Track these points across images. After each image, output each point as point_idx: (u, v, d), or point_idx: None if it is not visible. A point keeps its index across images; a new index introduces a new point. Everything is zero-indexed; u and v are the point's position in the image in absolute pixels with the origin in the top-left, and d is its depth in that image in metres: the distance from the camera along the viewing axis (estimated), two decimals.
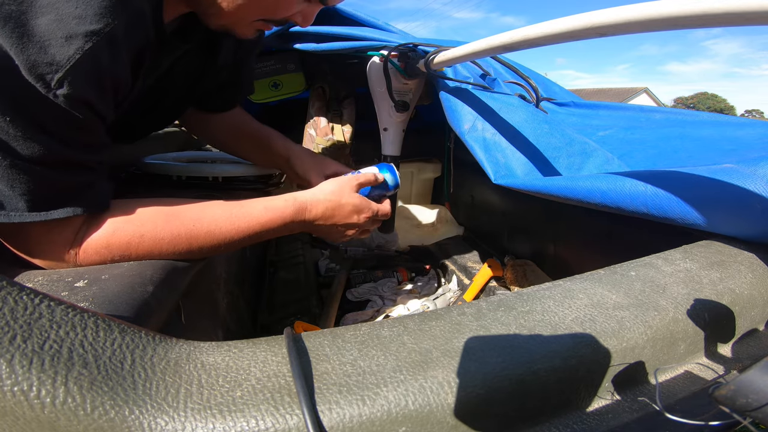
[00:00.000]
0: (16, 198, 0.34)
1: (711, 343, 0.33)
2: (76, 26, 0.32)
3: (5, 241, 0.37)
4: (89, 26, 0.33)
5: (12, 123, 0.32)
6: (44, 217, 0.35)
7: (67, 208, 0.36)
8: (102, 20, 0.34)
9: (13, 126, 0.32)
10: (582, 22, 0.35)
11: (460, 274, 1.02)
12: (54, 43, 0.32)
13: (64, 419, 0.20)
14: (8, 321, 0.21)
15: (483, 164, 0.62)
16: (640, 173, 0.47)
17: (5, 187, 0.33)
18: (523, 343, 0.27)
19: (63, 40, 0.32)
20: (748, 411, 0.19)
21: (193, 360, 0.24)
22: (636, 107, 0.77)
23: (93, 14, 0.33)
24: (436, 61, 0.63)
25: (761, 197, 0.37)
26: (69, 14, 0.32)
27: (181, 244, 0.42)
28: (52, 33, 0.32)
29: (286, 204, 0.50)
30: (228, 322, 0.59)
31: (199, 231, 0.43)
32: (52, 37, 0.32)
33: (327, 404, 0.22)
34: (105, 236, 0.39)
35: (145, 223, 0.40)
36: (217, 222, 0.44)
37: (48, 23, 0.32)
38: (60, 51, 0.32)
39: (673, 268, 0.37)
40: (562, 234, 0.80)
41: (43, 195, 0.35)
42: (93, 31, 0.33)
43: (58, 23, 0.32)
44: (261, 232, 0.47)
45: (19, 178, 0.33)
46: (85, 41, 0.33)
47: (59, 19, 0.32)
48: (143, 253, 0.40)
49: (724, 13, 0.26)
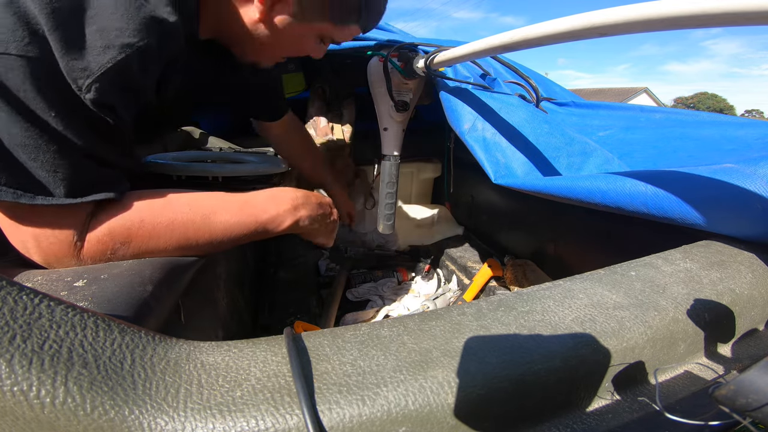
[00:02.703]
0: (56, 183, 0.36)
1: (711, 343, 0.33)
2: (115, 38, 0.36)
3: (17, 224, 0.38)
4: (126, 39, 0.37)
5: (57, 117, 0.35)
6: (79, 200, 0.38)
7: (96, 194, 0.39)
8: (138, 35, 0.37)
9: (58, 120, 0.35)
10: (582, 22, 0.35)
11: (460, 274, 1.02)
12: (91, 51, 0.35)
13: (63, 419, 0.20)
14: (8, 321, 0.21)
15: (483, 164, 0.62)
16: (640, 173, 0.47)
17: (46, 173, 0.36)
18: (523, 343, 0.27)
19: (100, 49, 0.36)
20: (748, 411, 0.19)
21: (193, 360, 0.24)
22: (636, 107, 0.77)
23: (132, 29, 0.37)
24: (436, 61, 0.63)
25: (761, 197, 0.37)
26: (111, 27, 0.36)
27: (177, 229, 0.42)
28: (92, 42, 0.35)
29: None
30: (228, 322, 0.59)
31: (194, 216, 0.43)
32: (92, 46, 0.35)
33: (327, 404, 0.22)
34: (107, 224, 0.40)
35: (144, 209, 0.42)
36: (213, 208, 0.45)
37: (91, 33, 0.36)
38: (95, 59, 0.35)
39: (673, 268, 0.37)
40: (562, 234, 0.80)
41: (77, 181, 0.38)
42: (128, 44, 0.37)
43: (99, 33, 0.36)
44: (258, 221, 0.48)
45: (61, 163, 0.36)
46: (119, 52, 0.36)
47: (101, 30, 0.36)
48: (142, 238, 0.41)
49: (724, 13, 0.26)
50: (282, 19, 0.50)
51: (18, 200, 0.35)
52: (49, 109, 0.35)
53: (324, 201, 0.57)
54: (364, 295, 0.95)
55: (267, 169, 0.76)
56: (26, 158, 0.35)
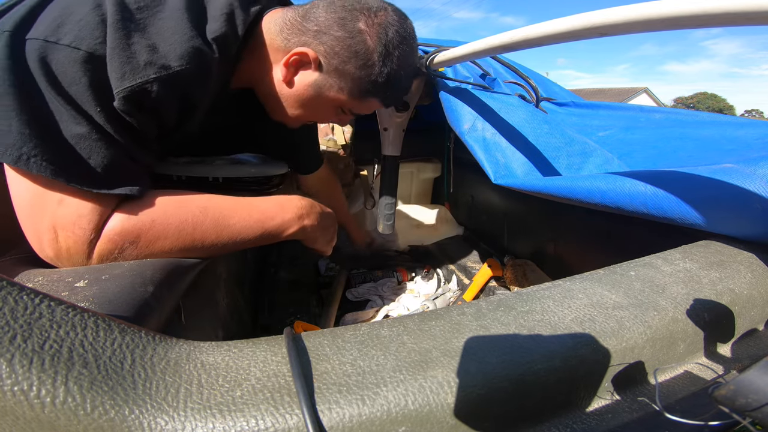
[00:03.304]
0: (90, 171, 0.38)
1: (710, 343, 0.33)
2: (158, 58, 0.39)
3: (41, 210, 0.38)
4: (168, 62, 0.39)
5: (101, 112, 0.38)
6: (105, 191, 0.39)
7: (125, 188, 0.40)
8: (179, 61, 0.40)
9: (101, 115, 0.38)
10: (582, 22, 0.35)
11: (460, 274, 1.02)
12: (133, 64, 0.38)
13: (64, 419, 0.20)
14: (8, 321, 0.21)
15: (483, 164, 0.62)
16: (640, 173, 0.47)
17: (82, 160, 0.37)
18: (523, 343, 0.27)
19: (142, 65, 0.38)
20: (747, 411, 0.19)
21: (193, 360, 0.24)
22: (636, 107, 0.77)
23: (176, 55, 0.40)
24: (436, 61, 0.63)
25: (761, 197, 0.37)
26: (161, 47, 0.39)
27: (186, 231, 0.43)
28: (139, 55, 0.38)
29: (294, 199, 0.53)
30: (228, 322, 0.59)
31: (204, 219, 0.44)
32: (135, 59, 0.38)
33: (327, 404, 0.22)
34: (119, 223, 0.40)
35: (156, 209, 0.42)
36: (222, 212, 0.45)
37: (142, 47, 0.38)
38: (132, 71, 0.38)
39: (672, 268, 0.37)
40: (562, 234, 0.80)
41: (109, 173, 0.39)
42: (166, 66, 0.39)
43: (148, 50, 0.38)
44: (265, 227, 0.48)
45: (97, 153, 0.38)
46: (156, 71, 0.39)
47: (150, 48, 0.39)
48: (151, 239, 0.41)
49: (724, 13, 0.26)
50: (304, 85, 0.52)
51: (56, 177, 0.36)
52: (95, 105, 0.37)
53: (327, 211, 0.58)
54: (364, 295, 0.95)
55: (267, 170, 0.76)
56: (66, 143, 0.37)
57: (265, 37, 0.50)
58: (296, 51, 0.49)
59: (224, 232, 0.45)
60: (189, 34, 0.41)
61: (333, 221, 0.60)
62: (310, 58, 0.49)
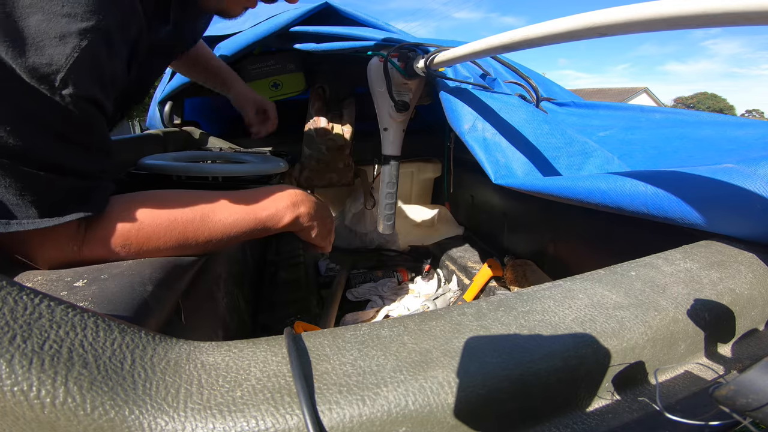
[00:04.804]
0: (26, 206, 0.34)
1: (711, 343, 0.33)
2: (67, 24, 0.32)
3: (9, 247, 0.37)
4: (81, 24, 0.33)
5: (15, 133, 0.31)
6: (56, 222, 0.35)
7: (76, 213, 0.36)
8: (93, 17, 0.33)
9: (18, 135, 0.31)
10: (582, 22, 0.35)
11: (460, 274, 1.02)
12: (48, 44, 0.31)
13: (64, 419, 0.20)
14: (8, 321, 0.21)
15: (483, 164, 0.62)
16: (640, 173, 0.47)
17: (14, 196, 0.33)
18: (524, 343, 0.27)
19: (57, 40, 0.32)
20: (748, 411, 0.19)
21: (193, 360, 0.24)
22: (636, 107, 0.77)
23: (83, 12, 0.33)
24: (436, 61, 0.63)
25: (761, 197, 0.37)
26: (57, 13, 0.32)
27: (177, 230, 0.42)
28: (44, 33, 0.31)
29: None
30: (228, 322, 0.59)
31: (193, 216, 0.43)
32: (45, 38, 0.31)
33: (327, 404, 0.22)
34: (105, 227, 0.39)
35: (143, 211, 0.41)
36: (212, 207, 0.45)
37: (37, 23, 0.31)
38: (57, 51, 0.32)
39: (673, 268, 0.37)
40: (562, 234, 0.80)
41: (52, 201, 0.35)
42: (86, 29, 0.33)
43: (47, 23, 0.31)
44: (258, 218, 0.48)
45: (29, 185, 0.33)
46: (80, 39, 0.33)
47: (48, 19, 0.32)
48: (142, 240, 0.41)
49: (724, 13, 0.26)
50: None
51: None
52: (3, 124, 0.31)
53: (322, 202, 0.58)
54: (364, 295, 0.95)
55: (267, 169, 0.76)
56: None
57: None
58: None
59: (216, 227, 0.45)
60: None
61: (329, 212, 0.59)
62: None
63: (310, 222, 0.54)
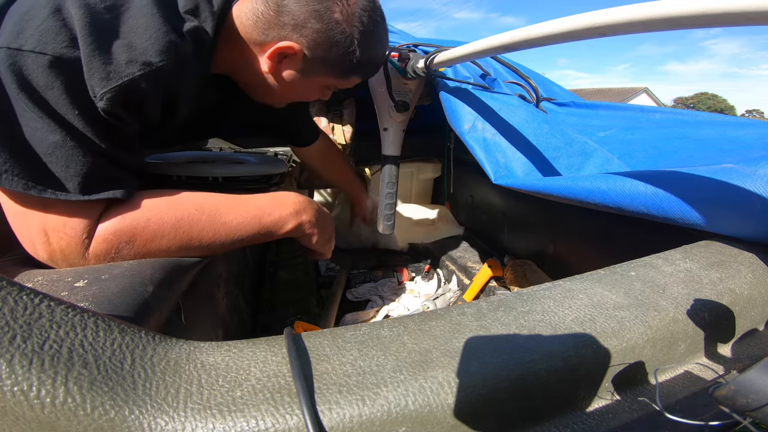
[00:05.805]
0: (68, 178, 0.38)
1: (711, 343, 0.33)
2: (138, 56, 0.39)
3: (27, 218, 0.39)
4: (149, 58, 0.40)
5: (79, 116, 0.38)
6: (88, 197, 0.39)
7: (106, 193, 0.40)
8: (159, 56, 0.40)
9: (79, 119, 0.38)
10: (582, 22, 0.35)
11: (460, 274, 1.02)
12: (115, 63, 0.38)
13: (64, 419, 0.20)
14: (8, 321, 0.21)
15: (483, 164, 0.62)
16: (640, 173, 0.47)
17: (60, 168, 0.37)
18: (524, 343, 0.27)
19: (123, 64, 0.38)
20: (748, 411, 0.19)
21: (193, 360, 0.24)
22: (636, 107, 0.77)
23: (155, 50, 0.40)
24: (436, 61, 0.63)
25: (761, 197, 0.37)
26: (139, 45, 0.39)
27: (182, 229, 0.43)
28: (118, 55, 0.38)
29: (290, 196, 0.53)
30: (228, 322, 0.59)
31: (200, 217, 0.44)
32: (116, 59, 0.38)
33: (327, 404, 0.22)
34: (114, 222, 0.40)
35: (151, 208, 0.42)
36: (219, 209, 0.45)
37: (119, 46, 0.39)
38: (115, 70, 0.38)
39: (673, 268, 0.37)
40: (562, 234, 0.80)
41: (89, 179, 0.39)
42: (149, 62, 0.40)
43: (126, 48, 0.39)
44: (262, 223, 0.48)
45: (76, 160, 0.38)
46: (138, 69, 0.39)
47: (129, 46, 0.39)
48: (147, 238, 0.41)
49: (724, 13, 0.26)
50: (289, 73, 0.54)
51: (27, 192, 0.36)
52: (73, 108, 0.37)
53: (324, 210, 0.59)
54: (364, 295, 0.95)
55: (267, 169, 0.76)
56: (43, 152, 0.37)
57: (239, 30, 0.51)
58: (280, 46, 0.50)
59: (221, 229, 0.45)
60: (163, 29, 0.41)
61: (330, 221, 0.60)
62: (295, 50, 0.50)
63: (312, 229, 0.54)
